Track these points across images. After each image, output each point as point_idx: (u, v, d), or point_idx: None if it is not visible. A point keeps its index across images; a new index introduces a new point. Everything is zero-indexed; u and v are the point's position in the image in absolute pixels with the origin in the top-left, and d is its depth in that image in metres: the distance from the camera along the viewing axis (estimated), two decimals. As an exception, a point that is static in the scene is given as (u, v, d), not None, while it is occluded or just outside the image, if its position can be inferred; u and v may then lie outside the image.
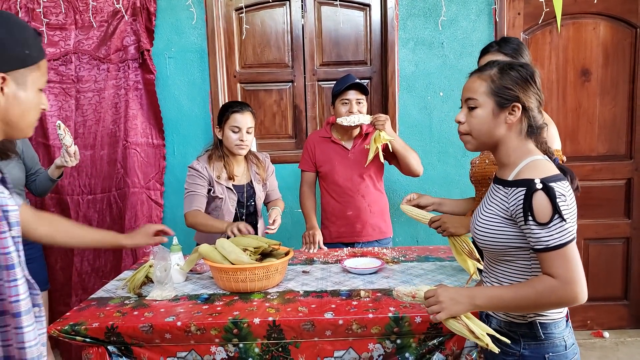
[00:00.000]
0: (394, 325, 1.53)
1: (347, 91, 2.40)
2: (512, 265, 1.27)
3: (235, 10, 3.05)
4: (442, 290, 1.24)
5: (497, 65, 1.28)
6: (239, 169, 2.35)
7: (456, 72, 3.00)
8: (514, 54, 1.77)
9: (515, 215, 1.20)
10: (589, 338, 3.13)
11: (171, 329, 1.55)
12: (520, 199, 1.18)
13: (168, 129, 3.03)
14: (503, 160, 1.31)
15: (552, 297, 1.15)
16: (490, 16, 2.96)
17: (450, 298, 1.22)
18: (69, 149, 2.17)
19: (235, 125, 2.24)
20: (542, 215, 1.15)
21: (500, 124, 1.26)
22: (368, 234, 2.50)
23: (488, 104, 1.26)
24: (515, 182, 1.22)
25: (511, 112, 1.25)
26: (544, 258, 1.17)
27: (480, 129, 1.28)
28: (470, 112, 1.29)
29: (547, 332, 1.26)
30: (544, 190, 1.15)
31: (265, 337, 1.55)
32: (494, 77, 1.26)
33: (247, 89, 3.15)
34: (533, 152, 1.27)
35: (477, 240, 1.32)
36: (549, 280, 1.16)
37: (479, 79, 1.28)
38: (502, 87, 1.24)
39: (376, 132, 2.32)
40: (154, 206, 3.07)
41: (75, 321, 1.58)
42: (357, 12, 3.08)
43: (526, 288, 1.18)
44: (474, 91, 1.28)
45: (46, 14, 2.86)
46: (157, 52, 2.96)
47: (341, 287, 1.80)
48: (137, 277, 1.89)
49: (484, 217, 1.29)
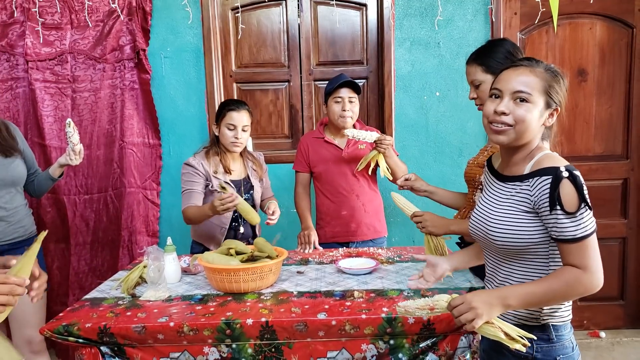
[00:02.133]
0: (387, 325, 1.53)
1: (340, 89, 2.41)
2: (528, 264, 1.26)
3: (231, 10, 3.05)
4: (472, 296, 1.19)
5: (541, 65, 1.26)
6: (235, 164, 2.39)
7: (452, 72, 3.00)
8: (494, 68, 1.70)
9: (539, 205, 1.19)
10: (585, 338, 3.13)
11: (164, 330, 1.55)
12: (546, 188, 1.17)
13: (164, 129, 3.03)
14: (519, 159, 1.29)
15: (579, 287, 1.16)
16: (486, 16, 2.96)
17: (484, 302, 1.18)
18: (75, 147, 2.15)
19: (231, 123, 2.27)
20: (570, 204, 1.14)
21: (540, 123, 1.26)
22: (363, 233, 2.50)
23: (539, 102, 1.24)
24: (537, 172, 1.20)
25: (552, 114, 1.26)
26: (568, 249, 1.16)
27: (528, 124, 1.23)
28: (518, 105, 1.23)
29: (558, 334, 1.26)
30: (569, 178, 1.15)
31: (258, 337, 1.55)
32: (546, 76, 1.24)
33: (243, 89, 3.15)
34: (543, 147, 1.29)
35: (494, 241, 1.27)
36: (575, 270, 1.16)
37: (531, 73, 1.24)
38: (554, 88, 1.24)
39: (374, 152, 2.32)
40: (150, 206, 3.07)
41: (68, 322, 1.58)
42: (354, 11, 3.08)
43: (556, 281, 1.17)
44: (530, 86, 1.23)
45: (42, 13, 2.86)
46: (153, 51, 2.96)
47: (335, 288, 1.80)
48: (131, 278, 1.89)
49: (499, 215, 1.27)
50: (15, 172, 2.16)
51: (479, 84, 1.77)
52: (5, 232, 2.11)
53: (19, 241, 2.17)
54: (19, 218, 2.17)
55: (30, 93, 2.91)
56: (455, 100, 3.03)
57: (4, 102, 2.92)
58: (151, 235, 3.08)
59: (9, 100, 2.94)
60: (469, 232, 1.40)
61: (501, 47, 1.74)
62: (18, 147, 2.20)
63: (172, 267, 1.94)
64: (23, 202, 2.22)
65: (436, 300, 1.29)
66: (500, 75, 1.30)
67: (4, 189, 2.12)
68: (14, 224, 2.14)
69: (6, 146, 2.11)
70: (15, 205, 2.16)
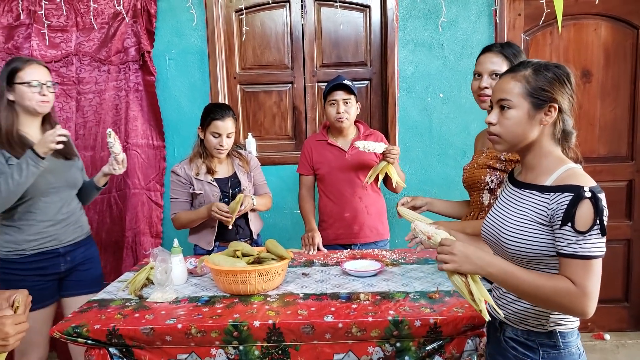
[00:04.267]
0: (393, 328, 1.53)
1: (334, 92, 2.43)
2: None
3: (235, 12, 3.05)
4: (459, 245, 1.22)
5: (531, 66, 1.26)
6: (220, 164, 2.43)
7: (456, 74, 3.00)
8: (513, 59, 1.78)
9: (554, 219, 1.18)
10: (590, 340, 3.13)
11: (172, 332, 1.55)
12: (564, 204, 1.15)
13: (168, 131, 3.04)
14: (532, 163, 1.29)
15: (564, 300, 1.14)
16: (490, 17, 2.96)
17: (464, 254, 1.20)
18: (118, 157, 2.14)
19: (215, 131, 2.31)
20: (582, 223, 1.13)
21: (534, 125, 1.24)
22: (365, 235, 2.50)
23: (523, 105, 1.24)
24: (561, 187, 1.18)
25: (547, 112, 1.23)
26: (567, 263, 1.15)
27: (514, 130, 1.25)
28: (503, 113, 1.27)
29: (565, 340, 1.25)
30: (591, 200, 1.13)
31: (265, 339, 1.56)
32: (529, 77, 1.24)
33: (247, 91, 3.16)
34: (566, 160, 1.25)
35: (506, 248, 1.27)
36: (569, 283, 1.14)
37: (512, 79, 1.26)
38: (538, 87, 1.23)
39: (383, 162, 2.32)
40: (154, 207, 3.08)
41: (77, 323, 1.59)
42: (357, 13, 3.08)
43: (544, 279, 1.16)
44: (508, 92, 1.25)
45: (48, 16, 2.87)
46: (158, 53, 2.97)
47: (341, 290, 1.81)
48: (138, 279, 1.90)
49: (513, 223, 1.26)
50: (75, 175, 2.19)
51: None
52: (66, 234, 2.14)
53: (77, 241, 2.19)
54: (76, 219, 2.20)
55: (35, 95, 2.92)
56: (459, 101, 3.03)
57: (10, 103, 2.94)
58: (155, 236, 3.09)
59: (15, 102, 2.95)
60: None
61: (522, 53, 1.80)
62: (75, 151, 2.24)
63: (179, 268, 1.95)
64: (79, 204, 2.24)
65: (436, 232, 1.30)
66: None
67: (65, 191, 2.14)
68: (72, 225, 2.17)
69: (66, 150, 2.12)
70: (73, 207, 2.19)
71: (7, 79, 1.99)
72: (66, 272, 2.15)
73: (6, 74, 2.00)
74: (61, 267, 2.14)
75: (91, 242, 2.31)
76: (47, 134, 1.91)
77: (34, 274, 2.06)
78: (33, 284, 2.02)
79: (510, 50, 1.80)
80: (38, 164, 1.90)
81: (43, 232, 2.06)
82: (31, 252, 2.05)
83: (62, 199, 2.13)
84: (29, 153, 1.90)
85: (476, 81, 1.84)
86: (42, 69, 2.06)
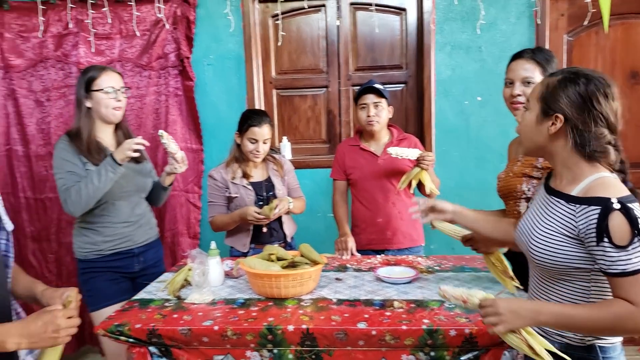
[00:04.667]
0: (427, 337, 1.52)
1: (364, 95, 2.43)
2: (568, 286, 1.22)
3: (272, 17, 3.10)
4: (501, 302, 1.18)
5: (565, 73, 1.22)
6: (256, 169, 2.47)
7: (494, 77, 2.94)
8: (545, 64, 1.73)
9: (585, 236, 1.13)
10: (635, 354, 3.01)
11: (209, 333, 1.59)
12: (593, 219, 1.11)
13: (206, 134, 3.11)
14: (558, 170, 1.27)
15: (629, 323, 1.09)
16: (531, 19, 2.89)
17: (511, 311, 1.16)
18: (176, 156, 2.17)
19: (252, 137, 2.35)
20: (620, 237, 1.08)
21: (541, 132, 1.23)
22: (399, 241, 2.49)
23: (535, 108, 1.24)
24: (587, 200, 1.14)
25: (554, 122, 1.20)
26: (619, 283, 1.10)
27: (524, 131, 1.27)
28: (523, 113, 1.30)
29: (605, 356, 1.21)
30: (622, 210, 1.08)
31: (299, 344, 1.57)
32: (551, 83, 1.22)
33: (282, 95, 3.20)
34: (597, 169, 1.20)
35: (534, 256, 1.25)
36: (628, 305, 1.09)
37: (540, 82, 1.27)
38: (551, 95, 1.20)
39: (417, 169, 2.30)
40: (192, 209, 3.16)
41: (120, 322, 1.65)
42: (393, 16, 3.07)
43: (603, 310, 1.11)
44: (531, 93, 1.28)
45: (94, 24, 2.98)
46: (196, 59, 3.04)
47: (374, 297, 1.81)
48: (176, 280, 1.95)
49: (542, 232, 1.23)
50: (145, 179, 2.27)
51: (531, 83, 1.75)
52: (139, 235, 2.23)
53: (149, 243, 2.29)
54: (147, 220, 2.29)
55: (81, 99, 3.04)
56: (497, 105, 2.96)
57: (58, 108, 3.07)
58: (192, 237, 3.17)
59: (62, 106, 3.08)
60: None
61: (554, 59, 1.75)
62: (145, 155, 2.32)
63: (216, 270, 2.00)
64: (148, 207, 2.33)
65: (471, 294, 1.27)
66: None
67: (136, 194, 2.23)
68: (144, 226, 2.26)
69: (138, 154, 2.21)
70: (144, 209, 2.28)
71: (85, 87, 2.09)
72: (139, 272, 2.24)
73: (84, 82, 2.10)
74: (135, 267, 2.23)
75: (159, 244, 2.41)
76: (126, 142, 2.00)
77: (111, 272, 2.16)
78: (109, 282, 2.14)
79: (542, 55, 1.75)
80: (116, 170, 1.98)
81: (118, 233, 2.15)
82: (108, 252, 2.14)
83: (133, 201, 2.21)
84: (107, 160, 1.98)
85: (508, 88, 1.81)
86: (116, 76, 2.16)
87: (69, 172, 2.03)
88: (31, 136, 3.08)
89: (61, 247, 3.12)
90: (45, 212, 3.12)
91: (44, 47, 3.02)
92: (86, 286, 2.13)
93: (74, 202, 1.99)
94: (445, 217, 1.67)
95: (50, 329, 1.11)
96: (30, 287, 1.38)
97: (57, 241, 3.13)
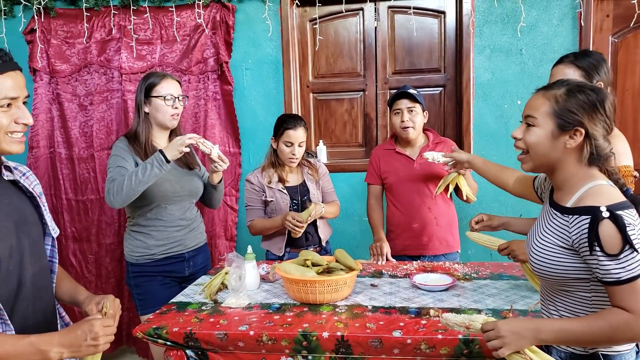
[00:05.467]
0: (463, 347, 1.50)
1: (398, 101, 2.41)
2: (570, 296, 1.22)
3: (310, 21, 3.11)
4: (502, 324, 1.19)
5: (565, 85, 1.22)
6: (291, 173, 2.49)
7: (535, 80, 2.87)
8: (589, 70, 1.67)
9: (579, 246, 1.15)
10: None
11: (244, 338, 1.61)
12: (584, 229, 1.12)
13: (244, 138, 3.15)
14: (559, 184, 1.27)
15: (627, 332, 1.10)
16: (574, 20, 2.80)
17: (512, 332, 1.17)
18: (212, 156, 2.16)
19: (288, 140, 2.37)
20: (610, 246, 1.09)
21: (558, 147, 1.21)
22: (435, 247, 2.46)
23: (547, 124, 1.21)
24: (577, 210, 1.16)
25: (572, 136, 1.19)
26: (614, 291, 1.11)
27: (536, 148, 1.24)
28: (527, 130, 1.26)
29: None
30: (611, 218, 1.09)
31: (334, 351, 1.58)
32: (559, 97, 1.20)
33: (319, 99, 3.21)
34: (596, 176, 1.21)
35: (534, 268, 1.27)
36: (623, 314, 1.10)
37: (542, 97, 1.24)
38: (566, 109, 1.19)
39: (454, 173, 2.27)
40: (229, 211, 3.21)
41: (158, 325, 1.69)
42: (431, 19, 3.03)
43: (599, 322, 1.12)
44: (535, 109, 1.24)
45: (136, 30, 3.07)
46: (235, 63, 3.09)
47: (410, 304, 1.79)
48: (213, 284, 1.99)
49: (541, 244, 1.25)
50: (197, 185, 2.32)
51: None
52: (190, 239, 2.29)
53: (198, 247, 2.35)
54: (197, 225, 2.35)
55: (122, 103, 3.12)
56: (539, 108, 2.90)
57: (100, 112, 3.16)
58: (229, 239, 3.22)
59: (104, 110, 3.17)
60: None
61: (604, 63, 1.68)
62: (197, 161, 2.37)
63: (252, 274, 2.02)
64: (198, 212, 2.39)
65: (473, 319, 1.28)
66: None
67: (188, 199, 2.29)
68: (195, 231, 2.32)
69: (190, 160, 2.29)
70: (195, 214, 2.35)
71: (145, 93, 2.16)
72: (188, 276, 2.28)
73: (144, 88, 2.17)
74: (185, 272, 2.27)
75: (207, 249, 2.45)
76: (177, 138, 2.04)
77: (162, 276, 2.21)
78: (161, 286, 2.19)
79: (586, 60, 1.69)
80: (162, 166, 1.99)
81: (170, 237, 2.20)
82: (160, 256, 2.19)
83: (185, 206, 2.26)
84: (156, 155, 2.00)
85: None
86: (176, 84, 2.22)
87: (119, 167, 2.07)
88: (74, 139, 3.19)
89: (101, 248, 3.21)
90: (87, 214, 3.22)
91: (88, 53, 3.12)
92: (138, 290, 2.19)
93: (115, 192, 2.00)
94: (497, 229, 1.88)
95: (89, 338, 1.15)
96: (73, 293, 1.42)
97: (97, 242, 3.22)
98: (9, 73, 1.14)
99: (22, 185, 1.29)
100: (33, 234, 1.28)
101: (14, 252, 1.19)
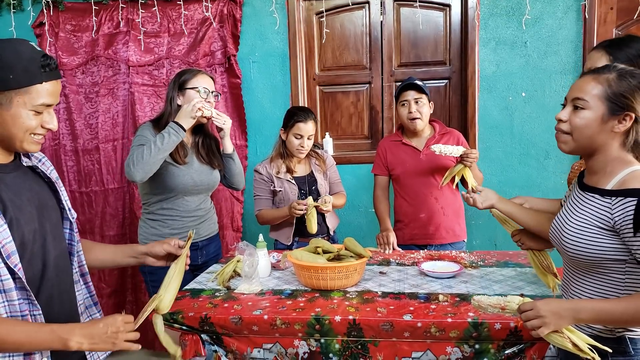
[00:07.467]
0: (472, 330, 1.54)
1: (404, 92, 2.45)
2: (603, 278, 1.24)
3: (316, 15, 3.14)
4: (542, 304, 1.20)
5: (616, 70, 1.23)
6: (299, 164, 2.54)
7: (540, 72, 2.90)
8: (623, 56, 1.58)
9: (622, 227, 1.16)
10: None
11: (258, 322, 1.66)
12: (630, 210, 1.14)
13: (251, 131, 3.19)
14: (597, 168, 1.28)
15: None
16: (578, 13, 2.83)
17: (552, 312, 1.18)
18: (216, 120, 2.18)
19: (298, 133, 2.42)
20: None
21: (605, 130, 1.23)
22: (441, 236, 2.50)
23: (599, 108, 1.22)
24: (621, 192, 1.17)
25: (621, 120, 1.21)
26: None
27: (583, 131, 1.24)
28: (575, 112, 1.26)
29: (636, 347, 1.22)
30: None
31: (346, 334, 1.62)
32: (612, 81, 1.21)
33: (325, 91, 3.24)
34: (633, 162, 1.23)
35: (567, 250, 1.28)
36: None
37: (594, 80, 1.24)
38: (619, 93, 1.20)
39: (460, 165, 2.31)
40: (235, 202, 3.25)
41: (173, 310, 1.73)
42: (437, 12, 3.06)
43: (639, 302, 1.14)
44: (586, 92, 1.24)
45: (144, 23, 3.10)
46: (242, 56, 3.11)
47: (419, 290, 1.83)
48: (226, 271, 2.03)
49: (575, 226, 1.26)
50: (216, 179, 2.37)
51: None
52: (205, 229, 2.35)
53: (211, 237, 2.41)
54: (210, 215, 2.41)
55: (129, 96, 3.15)
56: (542, 101, 2.93)
57: (106, 104, 3.18)
58: (236, 230, 3.26)
59: (110, 102, 3.19)
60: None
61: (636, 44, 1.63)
62: (220, 162, 2.38)
63: (263, 262, 2.06)
64: (211, 203, 2.45)
65: (508, 300, 1.30)
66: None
67: (205, 192, 2.35)
68: (208, 221, 2.38)
69: (214, 159, 2.34)
70: (209, 205, 2.41)
71: (178, 86, 2.21)
72: (201, 265, 2.34)
73: (178, 82, 2.22)
74: (198, 260, 2.33)
75: (219, 238, 2.51)
76: (185, 106, 2.09)
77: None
78: None
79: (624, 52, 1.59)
80: (179, 133, 2.04)
81: (185, 227, 2.24)
82: None
83: (202, 198, 2.33)
84: (171, 124, 2.05)
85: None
86: (209, 79, 2.26)
87: (140, 145, 2.09)
88: (79, 131, 3.22)
89: (105, 240, 3.24)
90: (91, 205, 3.26)
91: (95, 46, 3.15)
92: (152, 277, 2.23)
93: (136, 160, 2.01)
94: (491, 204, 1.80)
95: (110, 331, 1.19)
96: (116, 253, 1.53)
97: (100, 234, 3.26)
98: (52, 82, 1.19)
99: (40, 171, 1.32)
100: (53, 218, 1.31)
101: (37, 235, 1.23)
